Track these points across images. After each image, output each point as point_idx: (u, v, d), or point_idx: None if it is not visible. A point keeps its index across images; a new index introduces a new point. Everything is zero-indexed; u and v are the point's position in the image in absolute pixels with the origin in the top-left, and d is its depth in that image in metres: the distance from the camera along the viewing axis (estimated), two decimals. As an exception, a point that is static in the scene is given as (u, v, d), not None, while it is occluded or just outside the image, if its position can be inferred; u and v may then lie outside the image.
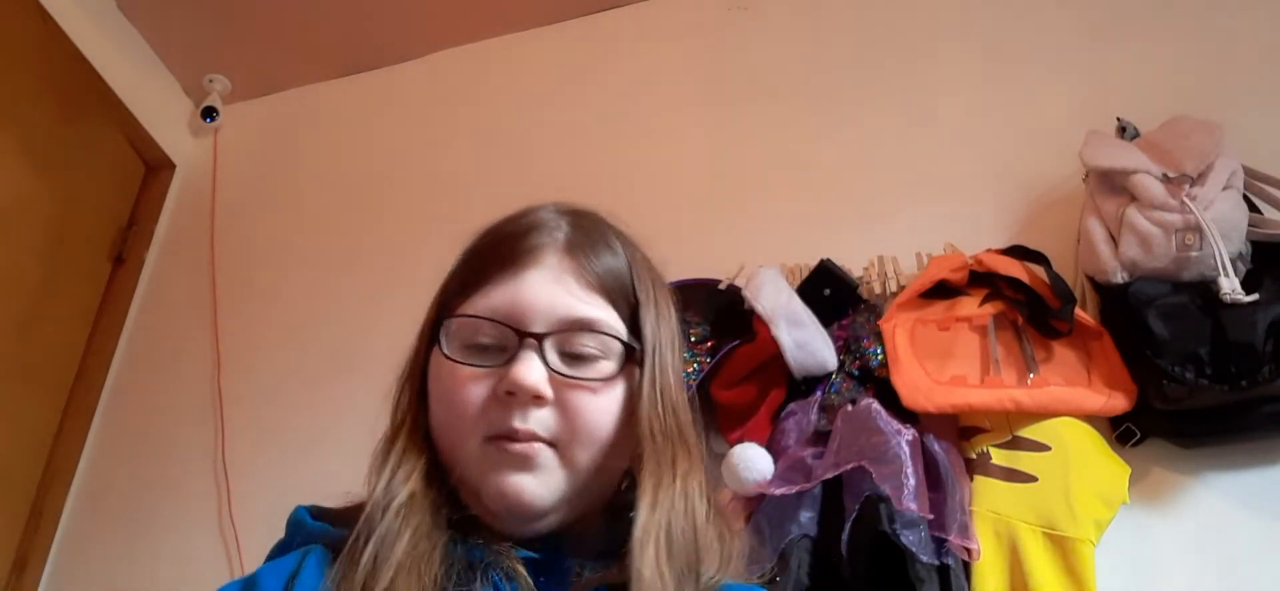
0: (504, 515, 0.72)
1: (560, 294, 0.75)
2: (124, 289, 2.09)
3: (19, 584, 1.78)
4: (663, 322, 0.80)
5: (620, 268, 0.79)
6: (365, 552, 0.68)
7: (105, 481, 1.89)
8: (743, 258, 1.56)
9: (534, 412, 0.72)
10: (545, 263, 0.76)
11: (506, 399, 0.72)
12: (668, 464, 0.74)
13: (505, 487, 0.71)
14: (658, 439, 0.74)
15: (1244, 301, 1.22)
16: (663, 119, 1.92)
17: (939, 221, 1.56)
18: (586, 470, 0.74)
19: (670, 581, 0.68)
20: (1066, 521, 1.20)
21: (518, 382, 0.71)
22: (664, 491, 0.72)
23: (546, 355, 0.73)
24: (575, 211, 0.83)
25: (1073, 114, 1.55)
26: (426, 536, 0.70)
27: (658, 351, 0.77)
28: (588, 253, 0.78)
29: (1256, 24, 1.62)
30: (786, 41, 1.93)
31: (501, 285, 0.76)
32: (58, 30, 1.98)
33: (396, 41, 2.20)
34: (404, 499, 0.71)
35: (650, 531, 0.70)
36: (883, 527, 1.17)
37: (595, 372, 0.74)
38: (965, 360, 1.35)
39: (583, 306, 0.75)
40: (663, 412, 0.76)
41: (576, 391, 0.73)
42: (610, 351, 0.75)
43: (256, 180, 2.19)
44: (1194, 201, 1.29)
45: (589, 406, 0.74)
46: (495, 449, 0.72)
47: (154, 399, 1.96)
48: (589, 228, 0.81)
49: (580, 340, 0.74)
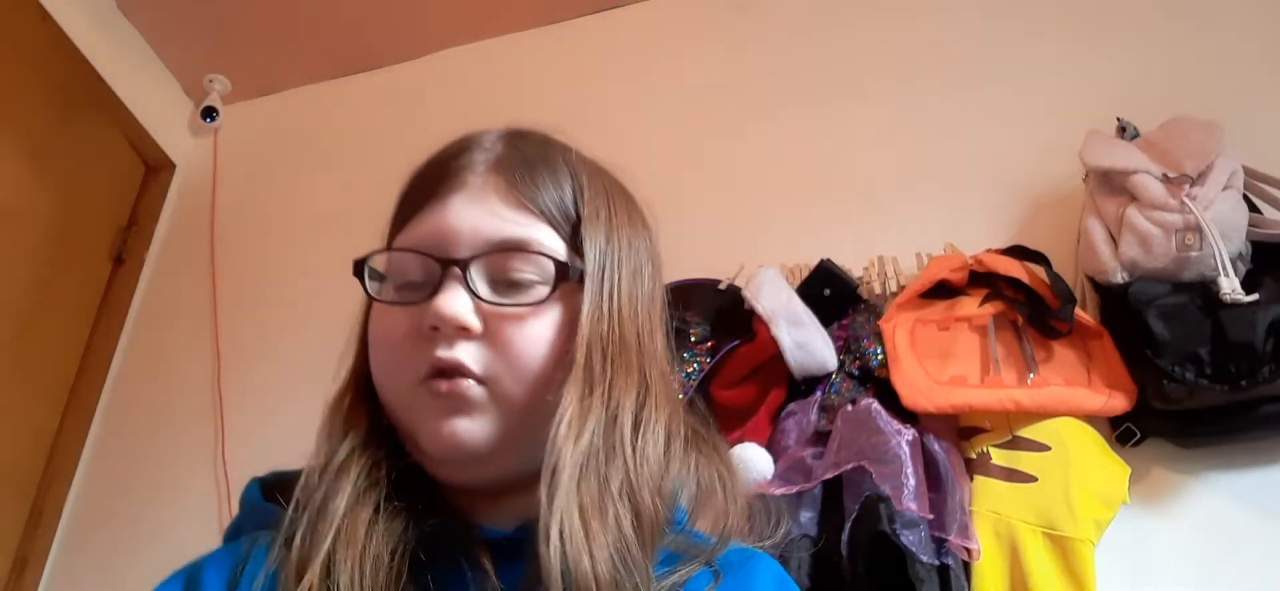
0: (443, 462, 0.67)
1: (485, 216, 0.68)
2: (124, 289, 2.09)
3: (19, 584, 1.78)
4: (619, 243, 0.72)
5: (558, 182, 0.72)
6: (300, 523, 0.62)
7: (105, 481, 1.89)
8: (743, 258, 1.56)
9: (462, 345, 0.65)
10: (469, 184, 0.70)
11: (432, 334, 0.66)
12: (602, 384, 0.65)
13: (439, 432, 0.65)
14: (594, 357, 0.66)
15: (1244, 301, 1.22)
16: (662, 118, 1.92)
17: (939, 221, 1.56)
18: (523, 406, 0.66)
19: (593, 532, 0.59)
20: (1066, 521, 1.20)
21: (438, 314, 0.65)
22: (591, 414, 0.64)
23: (473, 284, 0.66)
24: (517, 131, 0.76)
25: (1073, 114, 1.55)
26: (364, 495, 0.64)
27: (607, 270, 0.69)
28: (519, 170, 0.71)
29: (1256, 24, 1.62)
30: (786, 41, 1.93)
31: (427, 214, 0.70)
32: (58, 30, 1.98)
33: (396, 41, 2.20)
34: (343, 456, 0.67)
35: (566, 459, 0.61)
36: (883, 527, 1.17)
37: (528, 297, 0.67)
38: (965, 360, 1.35)
39: (510, 227, 0.68)
40: (607, 331, 0.67)
41: (506, 320, 0.66)
42: (546, 274, 0.67)
43: (256, 180, 2.19)
44: (1194, 201, 1.29)
45: (519, 335, 0.66)
46: (426, 392, 0.65)
47: (154, 399, 1.96)
48: (527, 145, 0.74)
49: (511, 264, 0.67)
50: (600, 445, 0.63)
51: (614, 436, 0.65)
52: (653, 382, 0.69)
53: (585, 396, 0.64)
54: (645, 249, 0.76)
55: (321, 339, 2.07)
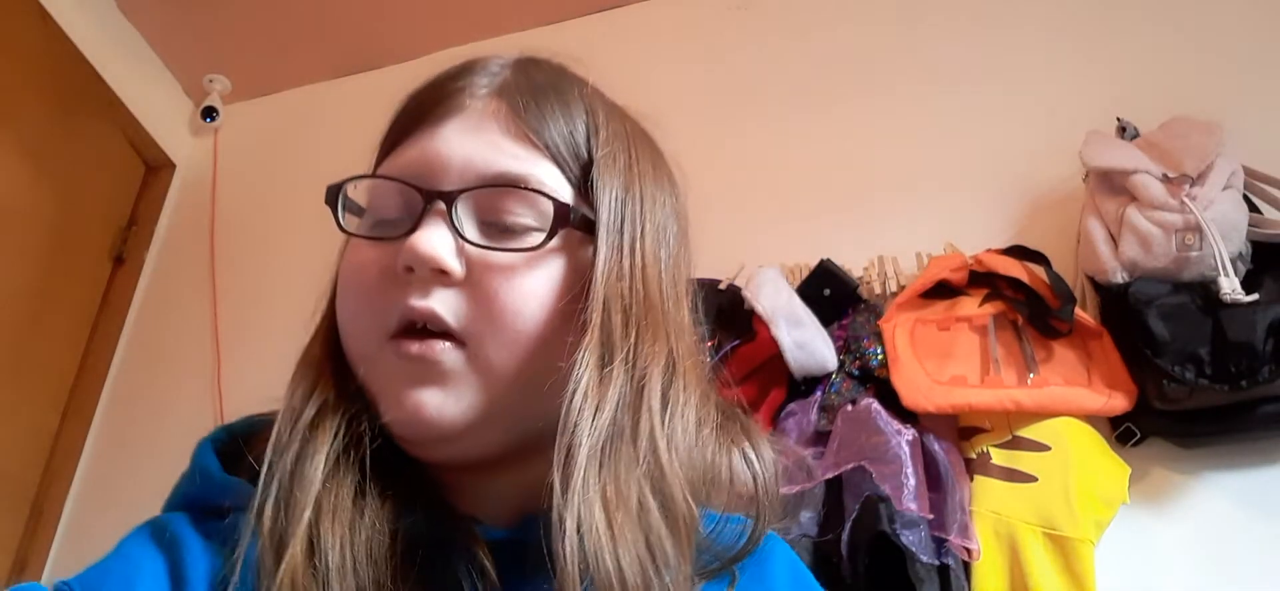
0: (408, 438, 0.57)
1: (481, 146, 0.58)
2: (124, 289, 2.09)
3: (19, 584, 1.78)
4: (640, 195, 0.61)
5: (569, 115, 0.61)
6: (272, 490, 0.53)
7: (105, 481, 1.89)
8: (743, 258, 1.55)
9: (438, 291, 0.55)
10: (467, 110, 0.60)
11: (405, 277, 0.56)
12: (623, 349, 0.55)
13: (404, 404, 0.55)
14: (614, 317, 0.55)
15: (1244, 301, 1.22)
16: (662, 118, 1.91)
17: (939, 221, 1.56)
18: (508, 374, 0.55)
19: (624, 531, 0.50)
20: (1066, 521, 1.20)
21: (415, 252, 0.55)
22: (613, 382, 0.54)
23: (459, 222, 0.56)
24: (527, 57, 0.66)
25: (1073, 114, 1.55)
26: (344, 460, 0.55)
27: (627, 221, 0.58)
28: (525, 98, 0.60)
29: (1256, 24, 1.62)
30: (787, 41, 1.93)
31: (415, 140, 0.60)
32: (58, 30, 1.98)
33: (396, 41, 2.20)
34: (313, 413, 0.57)
35: (583, 434, 0.52)
36: (883, 527, 1.17)
37: (521, 243, 0.56)
38: (965, 360, 1.35)
39: (506, 159, 0.58)
40: (628, 290, 0.56)
41: (493, 268, 0.56)
42: (545, 217, 0.57)
43: (256, 180, 2.19)
44: (1194, 201, 1.29)
45: (506, 286, 0.55)
46: (392, 353, 0.56)
47: (154, 399, 1.96)
48: (535, 71, 0.64)
49: (505, 203, 0.57)
50: (626, 422, 0.54)
51: (640, 411, 0.54)
52: (681, 356, 0.59)
53: (605, 363, 0.54)
54: (671, 206, 0.66)
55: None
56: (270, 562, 0.51)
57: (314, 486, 0.53)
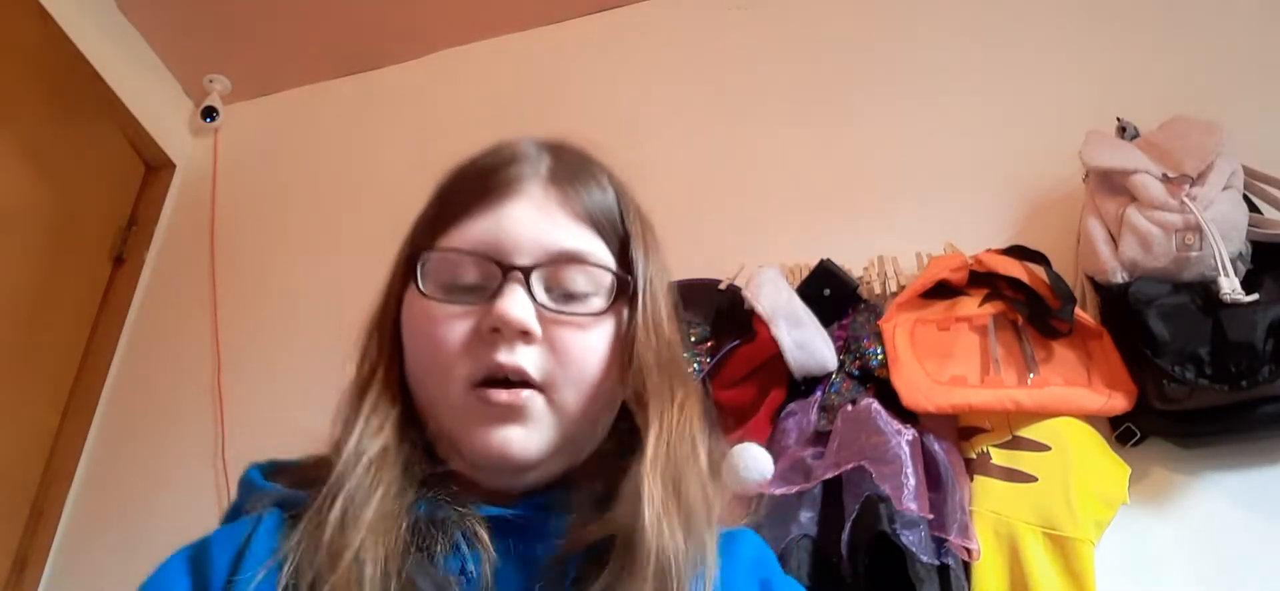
0: (489, 470, 0.68)
1: (546, 225, 0.70)
2: (124, 289, 2.09)
3: (19, 584, 1.77)
4: (653, 257, 0.75)
5: (608, 199, 0.75)
6: (333, 511, 0.63)
7: (105, 481, 1.89)
8: (743, 258, 1.55)
9: (521, 349, 0.66)
10: (528, 193, 0.71)
11: (492, 336, 0.66)
12: (667, 395, 0.70)
13: (491, 441, 0.66)
14: (654, 371, 0.69)
15: (1244, 301, 1.22)
16: (663, 118, 1.92)
17: (939, 221, 1.56)
18: (576, 414, 0.69)
19: (677, 513, 0.65)
20: (1066, 521, 1.20)
21: (504, 317, 0.65)
22: (667, 418, 0.69)
23: (533, 290, 0.67)
24: (556, 143, 0.78)
25: (1073, 114, 1.55)
26: (397, 495, 0.65)
27: (650, 285, 0.72)
28: (573, 183, 0.73)
29: (1256, 24, 1.62)
30: (786, 41, 1.93)
31: (482, 218, 0.70)
32: (58, 30, 1.98)
33: (396, 41, 2.20)
34: (376, 452, 0.67)
35: (658, 455, 0.67)
36: (883, 527, 1.17)
37: (586, 307, 0.69)
38: (965, 360, 1.35)
39: (570, 238, 0.70)
40: (658, 345, 0.71)
41: (566, 327, 0.68)
42: (600, 286, 0.70)
43: (256, 180, 2.19)
44: (1194, 201, 1.29)
45: (579, 342, 0.68)
46: (479, 399, 0.66)
47: (154, 399, 1.96)
48: (573, 158, 0.76)
49: (569, 274, 0.69)
50: (685, 449, 0.69)
51: (688, 438, 0.70)
52: (691, 381, 0.74)
53: (661, 412, 0.69)
54: (664, 262, 0.78)
55: (321, 338, 2.08)
56: (326, 567, 0.61)
57: (371, 514, 0.63)
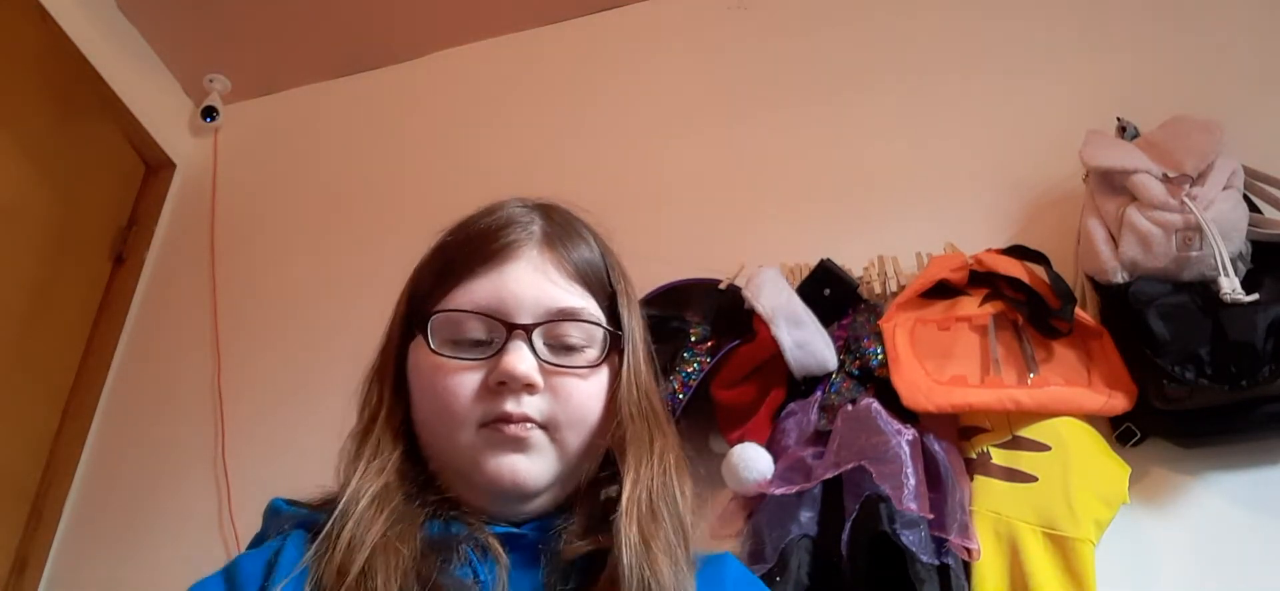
0: (497, 495, 0.75)
1: (545, 285, 0.78)
2: (124, 289, 2.09)
3: (19, 584, 1.77)
4: (634, 312, 0.84)
5: (596, 259, 0.83)
6: (341, 537, 0.69)
7: (105, 481, 1.89)
8: (743, 258, 1.55)
9: (526, 399, 0.75)
10: (525, 256, 0.79)
11: (499, 389, 0.74)
12: (646, 442, 0.77)
13: (501, 468, 0.73)
14: (635, 420, 0.78)
15: (1244, 301, 1.22)
16: (663, 118, 1.92)
17: (939, 221, 1.56)
18: (576, 452, 0.77)
19: (654, 550, 0.71)
20: (1066, 521, 1.20)
21: (510, 372, 0.73)
22: (644, 466, 0.76)
23: (535, 345, 0.76)
24: (544, 205, 0.85)
25: (1073, 114, 1.55)
26: (401, 519, 0.72)
27: (633, 339, 0.81)
28: (565, 245, 0.81)
29: (1256, 24, 1.62)
30: (786, 41, 1.93)
31: (483, 279, 0.78)
32: (58, 30, 1.98)
33: (396, 41, 2.20)
34: (378, 489, 0.73)
35: (634, 500, 0.73)
36: (883, 527, 1.17)
37: (582, 360, 0.78)
38: (965, 360, 1.35)
39: (567, 297, 0.78)
40: (639, 396, 0.79)
41: (565, 378, 0.76)
42: (593, 339, 0.79)
43: (256, 180, 2.19)
44: (1194, 201, 1.29)
45: (578, 391, 0.77)
46: (490, 432, 0.74)
47: (154, 399, 1.96)
48: (562, 221, 0.84)
49: (566, 330, 0.78)
50: (655, 485, 0.75)
51: (662, 477, 0.77)
52: (667, 422, 0.82)
53: (639, 454, 0.76)
54: (639, 310, 0.86)
55: (321, 339, 2.08)
56: (332, 579, 0.68)
57: (375, 539, 0.69)
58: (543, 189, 0.90)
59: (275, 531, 0.77)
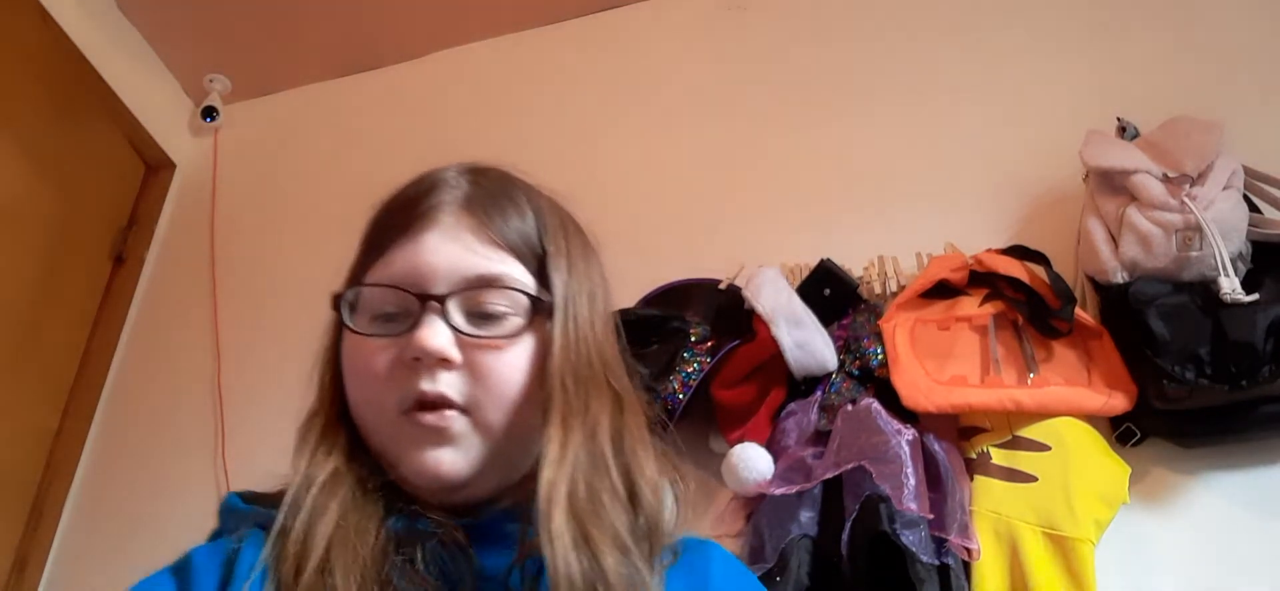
0: (424, 487, 0.70)
1: (460, 252, 0.72)
2: (124, 289, 2.09)
3: (19, 584, 1.77)
4: (577, 274, 0.76)
5: (525, 221, 0.76)
6: (294, 528, 0.66)
7: (105, 481, 1.89)
8: (743, 258, 1.56)
9: (443, 375, 0.69)
10: (442, 222, 0.73)
11: (413, 365, 0.69)
12: (579, 409, 0.70)
13: (423, 463, 0.69)
14: (568, 386, 0.71)
15: (1244, 301, 1.22)
16: (662, 119, 1.92)
17: (939, 221, 1.56)
18: (502, 431, 0.70)
19: (596, 540, 0.65)
20: (1066, 521, 1.20)
21: (422, 347, 0.68)
22: (573, 437, 0.69)
23: (451, 317, 0.70)
24: (477, 168, 0.80)
25: (1073, 114, 1.55)
26: (355, 507, 0.68)
27: (571, 301, 0.74)
28: (487, 208, 0.75)
29: (1256, 24, 1.63)
30: (785, 40, 1.93)
31: (401, 250, 0.73)
32: (58, 30, 1.98)
33: (396, 41, 2.20)
34: (327, 475, 0.70)
35: (556, 483, 0.66)
36: (883, 527, 1.17)
37: (502, 329, 0.71)
38: (965, 360, 1.35)
39: (484, 263, 0.72)
40: (576, 359, 0.72)
41: (484, 350, 0.70)
42: (518, 306, 0.72)
43: (256, 180, 2.19)
44: (1194, 201, 1.29)
45: (498, 364, 0.70)
46: (409, 423, 0.69)
47: (154, 399, 1.96)
48: (489, 183, 0.78)
49: (486, 298, 0.71)
50: (586, 462, 0.69)
51: (597, 452, 0.70)
52: (623, 393, 0.75)
53: (566, 421, 0.69)
54: (597, 271, 0.80)
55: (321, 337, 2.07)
56: (290, 577, 0.65)
57: (328, 528, 0.66)
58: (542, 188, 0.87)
59: (232, 530, 0.73)
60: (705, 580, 0.74)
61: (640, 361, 1.42)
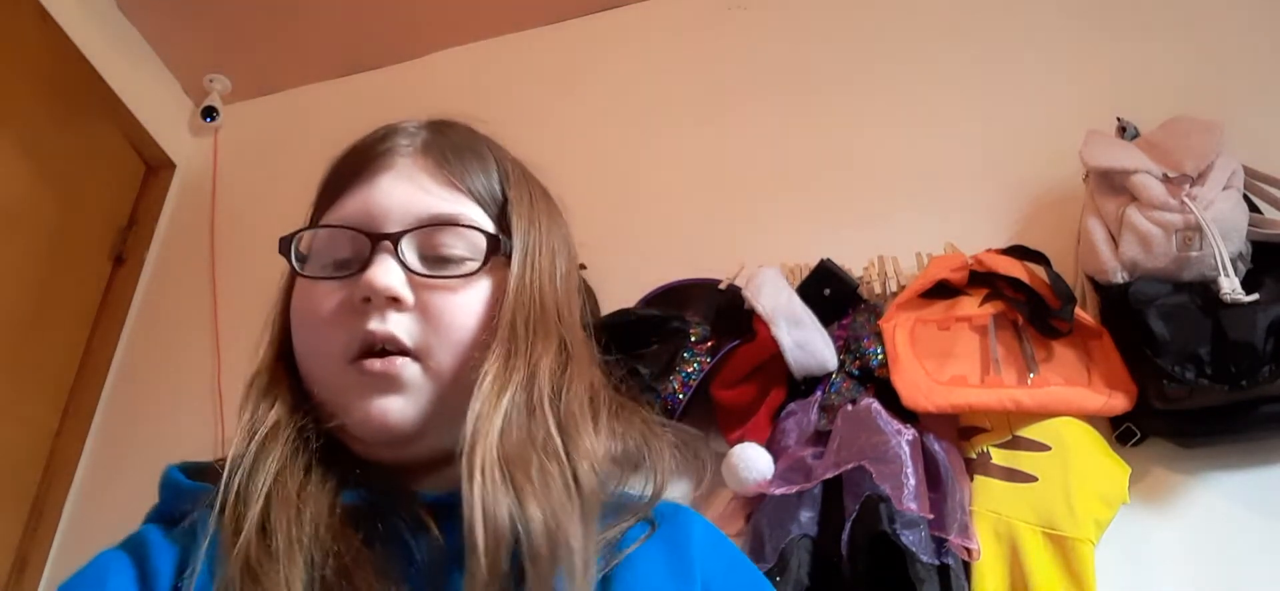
0: (371, 441, 0.67)
1: (415, 192, 0.70)
2: (124, 289, 2.09)
3: (19, 584, 1.77)
4: (540, 228, 0.74)
5: (485, 167, 0.74)
6: (233, 486, 0.63)
7: (105, 481, 1.89)
8: (743, 257, 1.56)
9: (393, 317, 0.67)
10: (398, 165, 0.72)
11: (363, 306, 0.67)
12: (523, 352, 0.67)
13: (370, 412, 0.65)
14: (518, 328, 0.68)
15: (1244, 301, 1.22)
16: (662, 118, 1.92)
17: (939, 221, 1.56)
18: (451, 377, 0.67)
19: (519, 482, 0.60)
20: (1066, 521, 1.20)
21: (372, 284, 0.66)
22: (513, 378, 0.65)
23: (404, 257, 0.68)
24: (439, 121, 0.78)
25: (1073, 114, 1.55)
26: (295, 461, 0.65)
27: (531, 249, 0.72)
28: (446, 153, 0.73)
29: (1256, 24, 1.62)
30: (786, 40, 1.93)
31: (355, 193, 0.71)
32: (58, 30, 1.98)
33: (396, 41, 2.20)
34: (267, 427, 0.67)
35: (490, 417, 0.62)
36: (883, 527, 1.17)
37: (458, 271, 0.69)
38: (965, 360, 1.35)
39: (440, 203, 0.70)
40: (530, 305, 0.69)
41: (437, 291, 0.68)
42: (476, 249, 0.70)
43: (256, 180, 2.19)
44: (1194, 201, 1.29)
45: (450, 305, 0.68)
46: (356, 372, 0.66)
47: (154, 399, 1.96)
48: (450, 131, 0.77)
49: (441, 239, 0.69)
50: (522, 402, 0.65)
51: (534, 394, 0.66)
52: (573, 348, 0.72)
53: (509, 359, 0.66)
54: (562, 236, 0.78)
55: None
56: (228, 542, 0.60)
57: (266, 482, 0.63)
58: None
59: (178, 511, 0.69)
60: (686, 549, 0.70)
61: (640, 361, 1.42)
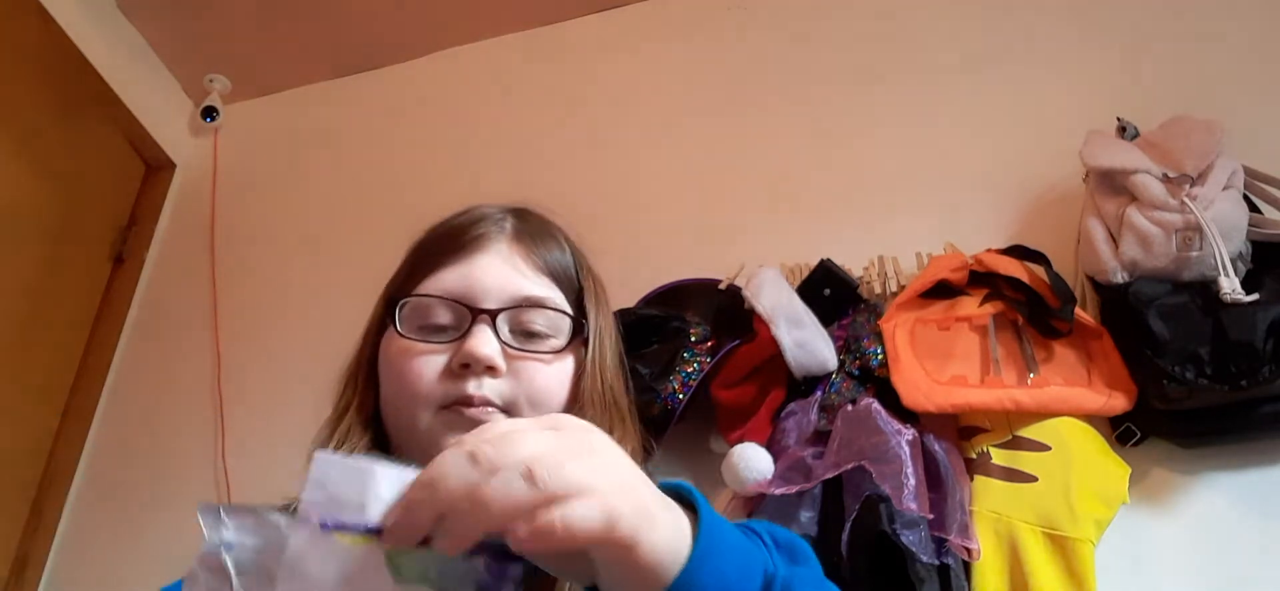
0: None
1: (511, 274, 0.80)
2: (124, 289, 2.09)
3: (19, 584, 1.78)
4: (603, 312, 0.86)
5: (565, 257, 0.86)
6: None
7: (105, 481, 1.89)
8: (743, 257, 1.55)
9: (488, 382, 0.76)
10: (494, 248, 0.82)
11: (461, 371, 0.75)
12: (600, 422, 0.75)
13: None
14: (597, 408, 0.79)
15: (1244, 301, 1.22)
16: (663, 118, 1.92)
17: (939, 221, 1.56)
18: None
19: None
20: (1066, 521, 1.20)
21: (473, 354, 0.74)
22: None
23: (499, 331, 0.77)
24: (518, 208, 0.89)
25: (1073, 114, 1.55)
26: None
27: (599, 334, 0.83)
28: (534, 240, 0.84)
29: (1256, 24, 1.62)
30: (785, 40, 1.93)
31: (453, 268, 0.81)
32: (58, 30, 1.98)
33: (396, 41, 2.20)
34: None
35: None
36: (883, 527, 1.17)
37: (546, 346, 0.79)
38: (965, 360, 1.35)
39: (532, 286, 0.81)
40: (602, 387, 0.81)
41: (527, 362, 0.78)
42: (559, 329, 0.81)
43: (256, 180, 2.19)
44: (1194, 201, 1.28)
45: (541, 374, 0.78)
46: (451, 413, 0.75)
47: (154, 399, 1.96)
48: (534, 221, 0.88)
49: (530, 317, 0.79)
50: None
51: None
52: (628, 421, 0.84)
53: None
54: (611, 315, 0.89)
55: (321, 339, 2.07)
56: None
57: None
58: (542, 188, 0.93)
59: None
60: None
61: (640, 361, 1.42)
